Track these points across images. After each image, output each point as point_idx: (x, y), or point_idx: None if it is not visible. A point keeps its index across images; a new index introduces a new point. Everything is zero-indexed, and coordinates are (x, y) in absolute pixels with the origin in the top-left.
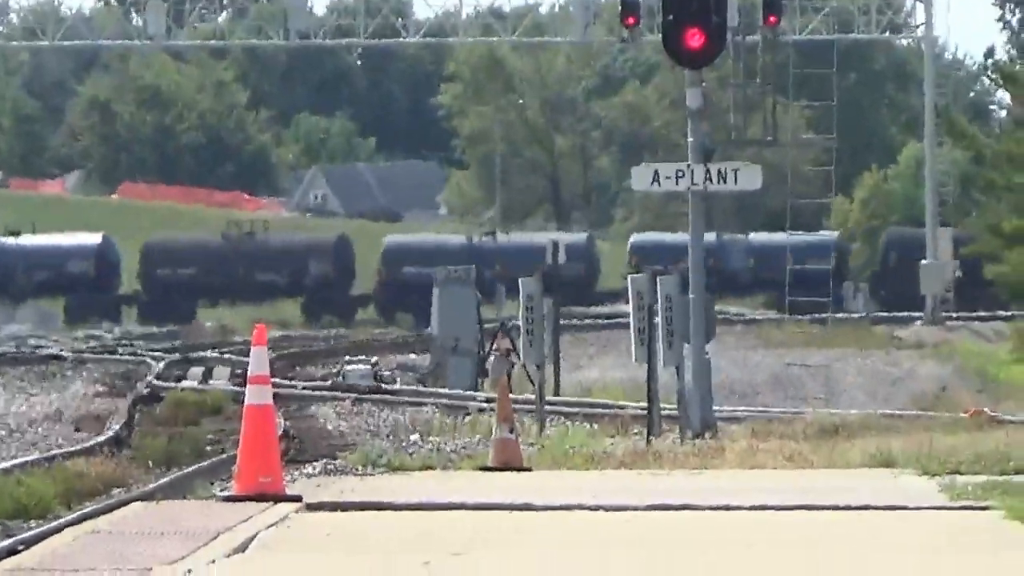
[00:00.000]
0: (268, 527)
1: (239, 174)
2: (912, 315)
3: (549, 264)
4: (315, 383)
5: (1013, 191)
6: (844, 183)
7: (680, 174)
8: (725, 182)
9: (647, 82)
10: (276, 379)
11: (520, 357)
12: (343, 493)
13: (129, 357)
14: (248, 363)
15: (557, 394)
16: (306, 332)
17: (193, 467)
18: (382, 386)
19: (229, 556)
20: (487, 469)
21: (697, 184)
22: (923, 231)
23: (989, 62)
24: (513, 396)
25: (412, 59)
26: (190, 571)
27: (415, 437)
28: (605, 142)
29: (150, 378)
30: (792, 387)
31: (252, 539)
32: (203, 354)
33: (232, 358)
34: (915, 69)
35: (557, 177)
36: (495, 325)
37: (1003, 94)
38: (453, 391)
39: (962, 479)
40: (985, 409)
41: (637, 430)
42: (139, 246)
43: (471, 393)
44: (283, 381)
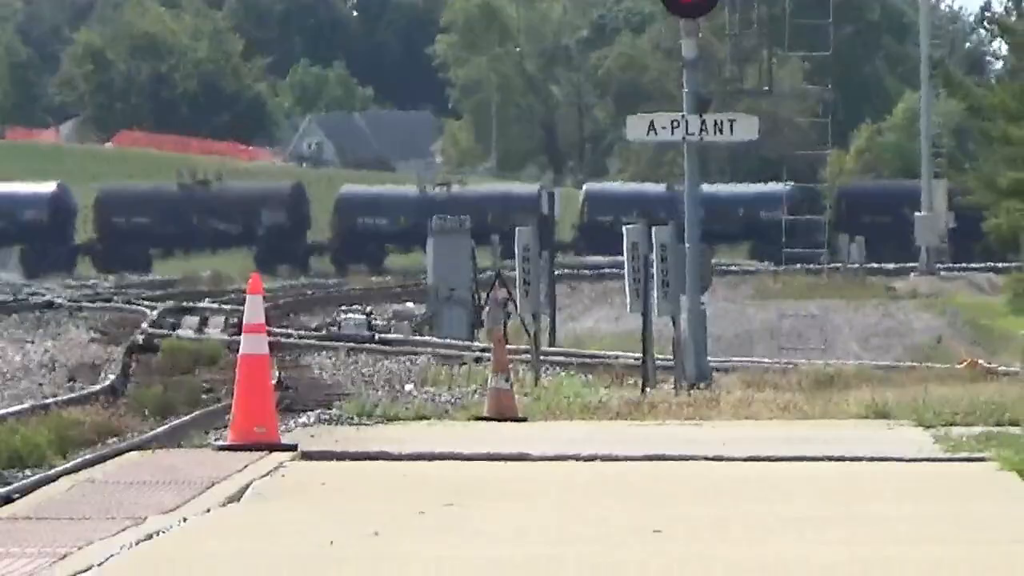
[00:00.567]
0: (263, 476)
1: (234, 123)
2: (907, 266)
3: (545, 214)
4: (310, 332)
5: (1008, 143)
6: (840, 134)
7: (675, 124)
8: (721, 132)
9: (642, 32)
10: (271, 328)
11: (516, 307)
12: (338, 442)
13: (124, 305)
14: (243, 312)
15: (552, 344)
16: (272, 285)
17: (188, 416)
18: (376, 335)
19: (224, 505)
20: (482, 419)
21: (692, 134)
22: (875, 184)
23: (985, 13)
24: (508, 346)
25: (408, 8)
26: (185, 520)
27: (410, 387)
28: (600, 92)
29: (145, 326)
30: (786, 338)
31: (247, 488)
32: (198, 303)
33: (227, 307)
34: (911, 20)
35: (552, 127)
36: (490, 275)
37: (999, 45)
38: (448, 341)
39: (957, 430)
40: (980, 360)
41: (632, 380)
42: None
43: (466, 343)
44: (278, 330)
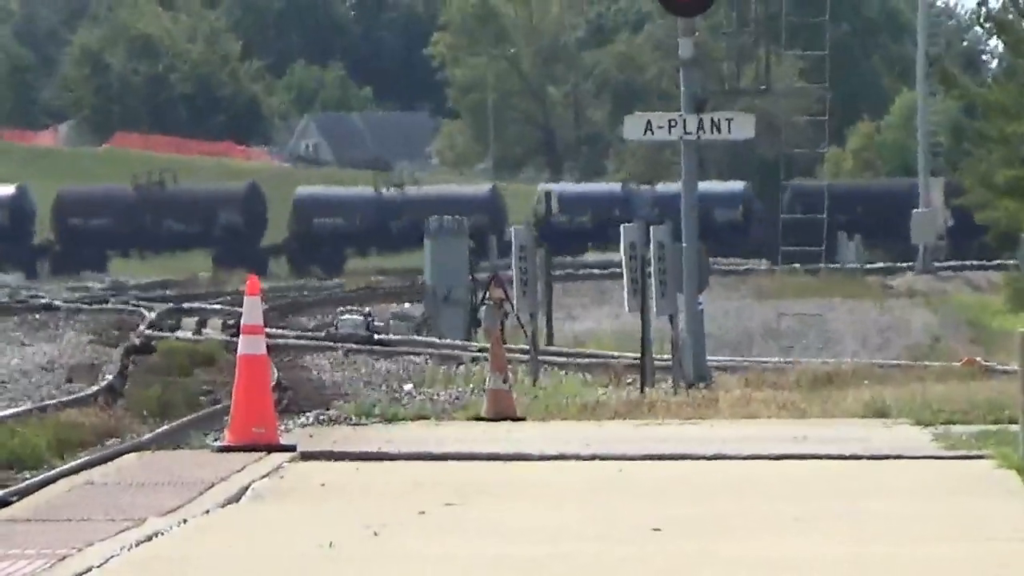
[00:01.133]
0: (262, 477)
1: (231, 124)
2: (901, 265)
3: (543, 215)
4: (309, 333)
5: (1005, 142)
6: (837, 133)
7: (672, 124)
8: (718, 131)
9: (639, 32)
10: (269, 329)
11: (513, 307)
12: (337, 443)
13: (122, 307)
14: (241, 313)
15: (550, 344)
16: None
17: (187, 417)
18: (375, 336)
19: (223, 506)
20: (481, 419)
21: (689, 134)
22: (827, 183)
23: (982, 11)
24: (506, 346)
25: (405, 8)
26: (184, 521)
27: (409, 387)
28: (597, 92)
29: (143, 328)
30: (785, 337)
31: (246, 489)
32: (196, 304)
33: (225, 308)
34: (908, 19)
35: (549, 127)
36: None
37: (995, 43)
38: (446, 341)
39: (956, 428)
40: (978, 358)
41: (631, 380)
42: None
43: (464, 343)
44: (276, 331)
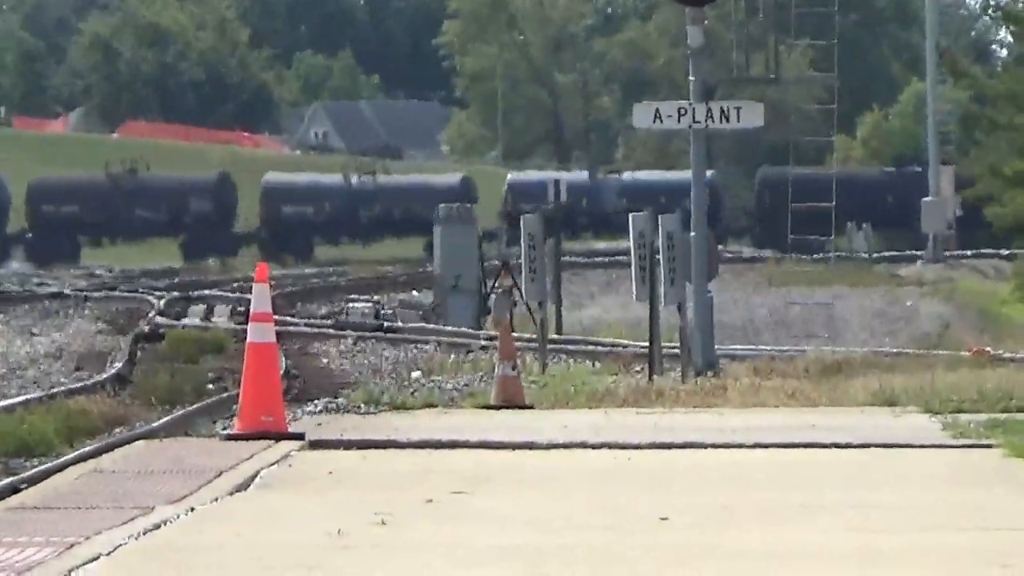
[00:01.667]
0: (270, 465)
1: (240, 112)
2: (908, 253)
3: (552, 203)
4: (317, 321)
5: (1014, 130)
6: (846, 121)
7: (681, 112)
8: (727, 120)
9: (649, 20)
10: (278, 317)
11: (522, 295)
12: (345, 431)
13: (130, 294)
14: (249, 301)
15: (559, 332)
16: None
17: (195, 405)
18: (384, 324)
19: (232, 494)
20: (489, 407)
21: (698, 122)
22: (797, 171)
23: (990, 1)
24: (515, 334)
25: None
26: (192, 509)
27: (417, 375)
28: (606, 80)
29: (151, 315)
30: (793, 326)
31: (254, 477)
32: (204, 292)
33: (233, 295)
34: (917, 8)
35: (558, 115)
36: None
37: (1004, 33)
38: (455, 329)
39: (964, 417)
40: (987, 348)
41: (639, 368)
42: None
43: (473, 331)
44: (285, 319)
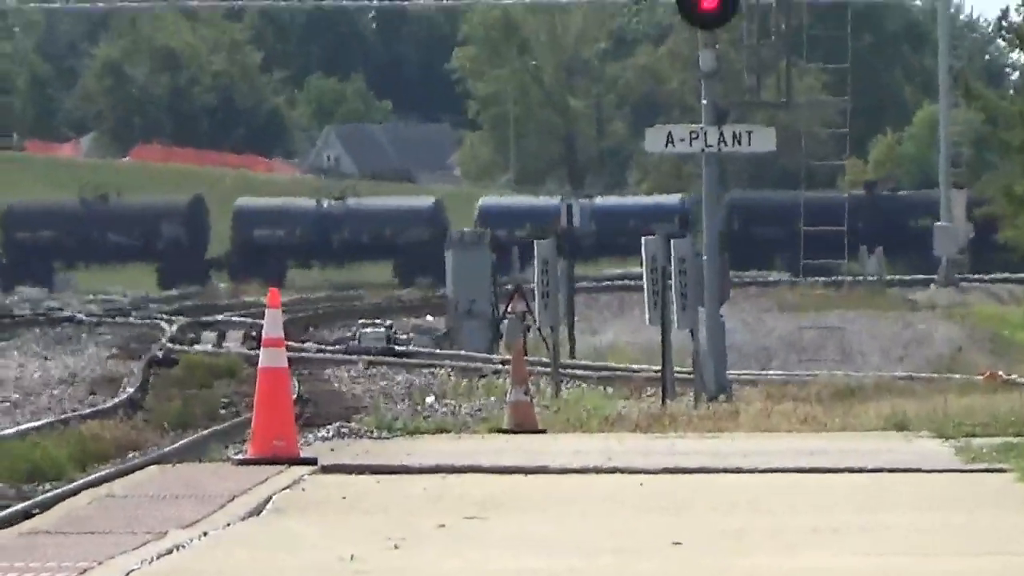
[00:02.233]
0: (283, 490)
1: (252, 136)
2: (922, 277)
3: (564, 227)
4: (329, 346)
5: None
6: (859, 145)
7: (694, 136)
8: (739, 144)
9: (661, 44)
10: (290, 342)
11: (535, 319)
12: (358, 456)
13: (142, 320)
14: (262, 326)
15: (572, 357)
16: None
17: (208, 430)
18: (395, 348)
19: (244, 519)
20: (502, 431)
21: (711, 146)
22: (766, 196)
23: (1004, 23)
24: (528, 358)
25: (426, 21)
26: (205, 534)
27: (430, 400)
28: (619, 104)
29: (164, 341)
30: (806, 350)
31: (267, 502)
32: (217, 317)
33: (245, 320)
34: (929, 31)
35: (571, 139)
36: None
37: (1018, 55)
38: (468, 353)
39: (977, 441)
40: (1000, 372)
41: (652, 393)
42: None
43: (486, 355)
44: (297, 344)
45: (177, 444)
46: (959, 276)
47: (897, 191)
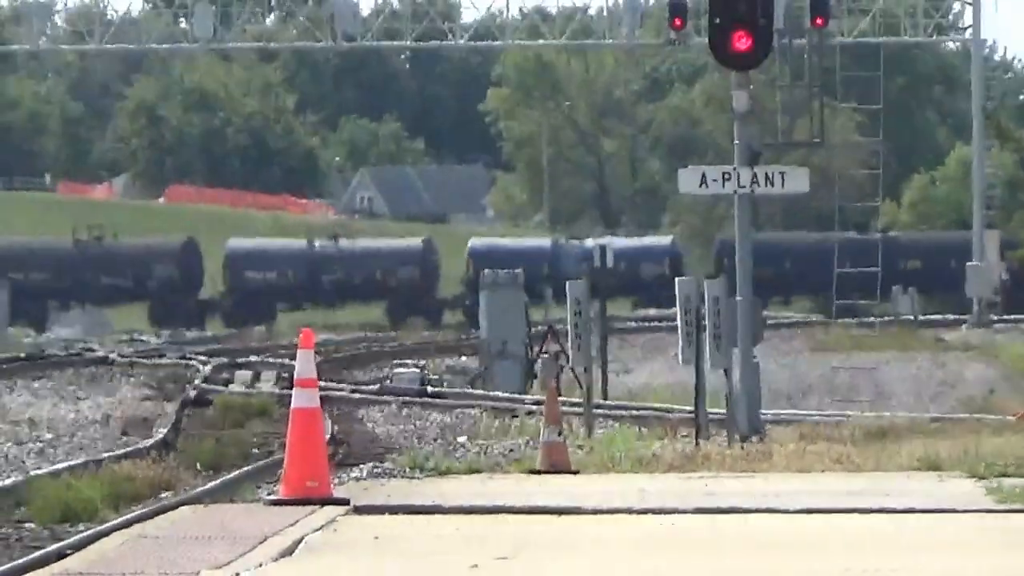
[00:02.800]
0: (315, 530)
1: (286, 177)
2: (955, 317)
3: (597, 267)
4: (362, 386)
5: None
6: (892, 186)
7: (727, 177)
8: (772, 185)
9: (694, 85)
10: (323, 382)
11: (568, 360)
12: (390, 496)
13: (177, 361)
14: (295, 366)
15: (605, 397)
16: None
17: (240, 470)
18: (428, 389)
19: (276, 560)
20: (535, 472)
21: (744, 187)
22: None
23: None
24: (561, 399)
25: (460, 61)
26: (238, 574)
27: (463, 440)
28: (652, 145)
29: (197, 381)
30: (839, 391)
31: (299, 542)
32: (251, 358)
33: (279, 361)
34: (962, 72)
35: (604, 180)
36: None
37: None
38: (501, 394)
39: (1009, 482)
40: None
41: (685, 433)
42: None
43: (519, 396)
44: (330, 384)
45: (209, 485)
46: (993, 318)
47: (888, 231)
